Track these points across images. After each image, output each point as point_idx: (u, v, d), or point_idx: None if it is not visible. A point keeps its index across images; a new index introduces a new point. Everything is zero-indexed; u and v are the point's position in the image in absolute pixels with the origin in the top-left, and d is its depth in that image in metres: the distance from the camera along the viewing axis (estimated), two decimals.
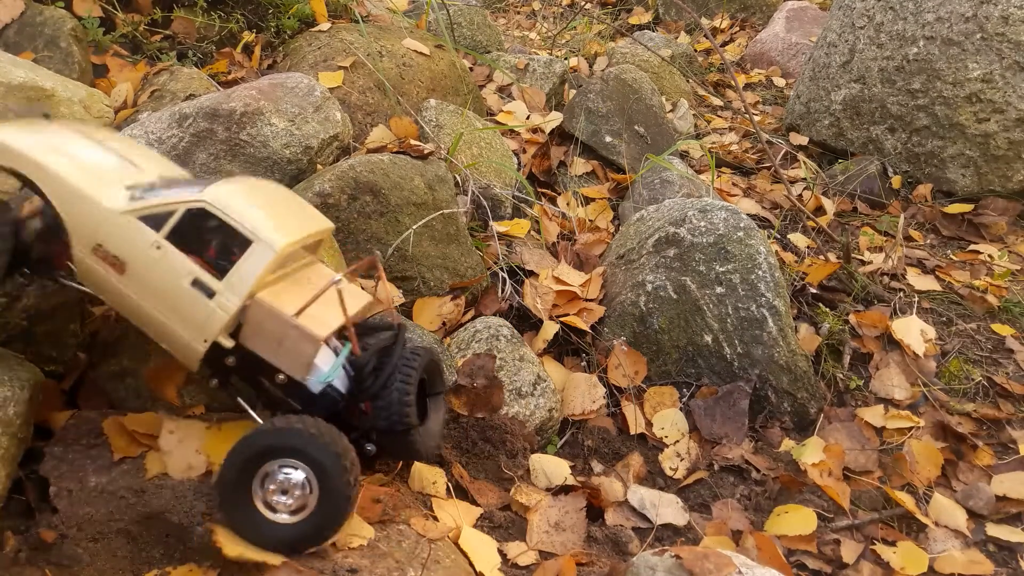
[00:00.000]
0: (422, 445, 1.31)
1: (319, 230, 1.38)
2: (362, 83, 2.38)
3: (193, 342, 1.22)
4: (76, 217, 1.25)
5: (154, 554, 1.20)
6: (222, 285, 1.21)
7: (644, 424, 1.82)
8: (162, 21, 2.43)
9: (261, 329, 1.23)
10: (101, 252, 1.24)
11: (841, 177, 2.91)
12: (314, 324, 1.23)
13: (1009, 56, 2.61)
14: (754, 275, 1.91)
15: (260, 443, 1.15)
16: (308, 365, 1.24)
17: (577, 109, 2.79)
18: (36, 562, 1.17)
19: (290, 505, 1.15)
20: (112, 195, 1.26)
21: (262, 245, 1.20)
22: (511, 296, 1.99)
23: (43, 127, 1.42)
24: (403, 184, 1.89)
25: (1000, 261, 2.50)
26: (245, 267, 1.21)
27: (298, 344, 1.22)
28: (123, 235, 1.23)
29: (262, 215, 1.25)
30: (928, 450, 1.76)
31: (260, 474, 1.16)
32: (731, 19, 4.85)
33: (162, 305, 1.23)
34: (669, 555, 1.22)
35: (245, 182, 1.36)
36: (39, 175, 1.26)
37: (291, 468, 1.15)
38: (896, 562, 1.50)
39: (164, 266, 1.22)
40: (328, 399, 1.27)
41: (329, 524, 1.16)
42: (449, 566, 1.25)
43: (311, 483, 1.14)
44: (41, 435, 1.38)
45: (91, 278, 1.27)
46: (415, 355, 1.34)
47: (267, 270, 1.21)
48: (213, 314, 1.20)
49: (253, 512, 1.16)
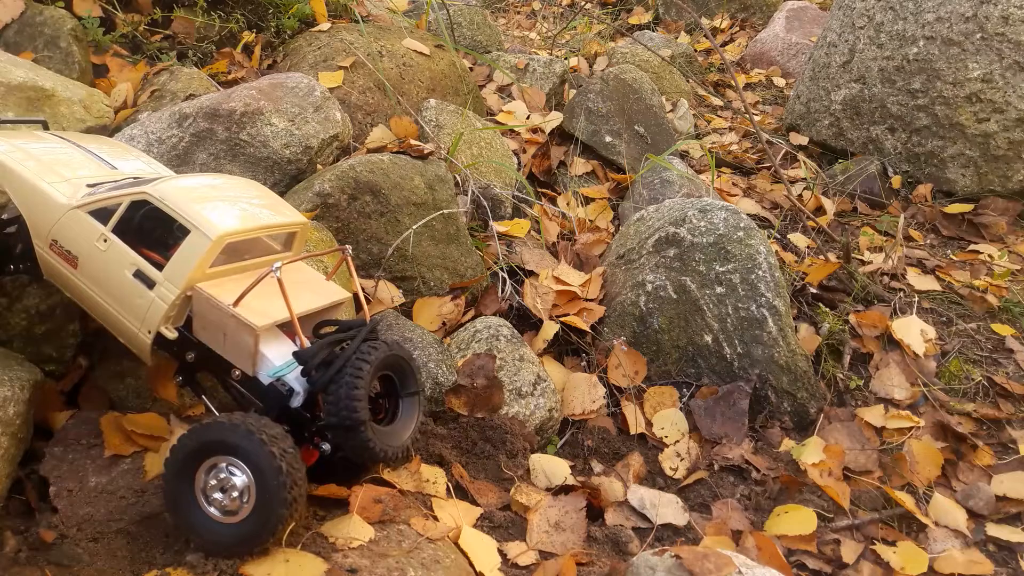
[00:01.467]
0: (378, 444, 1.21)
1: (280, 223, 1.33)
2: (362, 83, 2.38)
3: (139, 333, 1.22)
4: (34, 213, 1.28)
5: (154, 554, 1.20)
6: (162, 275, 1.20)
7: (644, 424, 1.82)
8: (162, 21, 2.43)
9: (206, 320, 1.21)
10: (56, 247, 1.26)
11: (841, 177, 2.91)
12: (254, 315, 1.19)
13: (1009, 56, 2.61)
14: (754, 275, 1.91)
15: (196, 439, 1.12)
16: (252, 357, 1.20)
17: (577, 109, 2.79)
18: (36, 562, 1.16)
19: (228, 505, 1.12)
20: (69, 192, 1.28)
21: (197, 233, 1.19)
22: (511, 296, 1.99)
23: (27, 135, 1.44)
24: (403, 184, 1.89)
25: (1000, 261, 2.50)
26: (182, 256, 1.19)
27: (238, 334, 1.19)
28: (74, 229, 1.25)
29: (204, 205, 1.23)
30: (928, 450, 1.76)
31: (201, 471, 1.13)
32: (731, 19, 4.85)
33: (110, 297, 1.24)
34: (669, 555, 1.22)
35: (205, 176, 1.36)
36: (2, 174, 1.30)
37: (232, 467, 1.11)
38: (896, 562, 1.50)
39: (110, 258, 1.22)
40: (275, 393, 1.22)
41: (266, 525, 1.11)
42: (449, 566, 1.25)
43: (251, 487, 1.10)
44: (41, 435, 1.38)
45: (51, 273, 1.29)
46: (373, 349, 1.23)
47: (205, 259, 1.19)
48: (153, 304, 1.20)
49: (195, 510, 1.13)
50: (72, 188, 1.29)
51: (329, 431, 1.21)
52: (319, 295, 1.35)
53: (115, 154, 1.49)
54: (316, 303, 1.32)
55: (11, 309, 1.45)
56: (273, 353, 1.22)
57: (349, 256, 1.37)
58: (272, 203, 1.39)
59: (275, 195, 1.43)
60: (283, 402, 1.22)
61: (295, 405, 1.22)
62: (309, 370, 1.20)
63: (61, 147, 1.44)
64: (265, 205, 1.36)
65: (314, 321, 1.34)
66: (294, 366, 1.22)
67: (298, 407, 1.22)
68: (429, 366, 1.65)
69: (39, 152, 1.37)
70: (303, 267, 1.42)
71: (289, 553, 1.17)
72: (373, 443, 1.20)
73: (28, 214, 1.28)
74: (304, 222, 1.39)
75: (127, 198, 1.23)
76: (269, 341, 1.23)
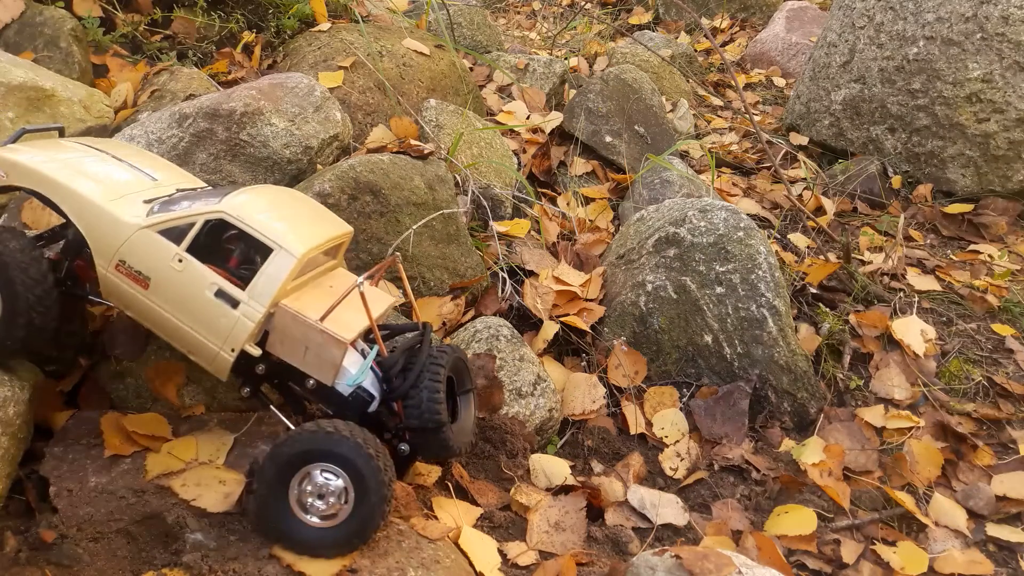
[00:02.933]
0: (454, 442, 1.31)
1: (338, 234, 1.39)
2: (362, 83, 2.38)
3: (221, 352, 1.23)
4: (97, 234, 1.25)
5: (154, 554, 1.20)
6: (245, 294, 1.22)
7: (644, 424, 1.82)
8: (162, 21, 2.43)
9: (287, 336, 1.24)
10: (124, 268, 1.25)
11: (841, 177, 2.91)
12: (339, 328, 1.24)
13: (1009, 56, 2.61)
14: (754, 275, 1.91)
15: (303, 446, 1.16)
16: (336, 369, 1.25)
17: (577, 109, 2.79)
18: (36, 562, 1.17)
19: (325, 510, 1.17)
20: (131, 211, 1.27)
21: (283, 253, 1.21)
22: (511, 296, 1.99)
23: (58, 146, 1.42)
24: (403, 184, 1.89)
25: (1000, 261, 2.50)
26: (267, 275, 1.21)
27: (325, 348, 1.23)
28: (145, 250, 1.24)
29: (281, 222, 1.26)
30: (928, 450, 1.76)
31: (298, 477, 1.17)
32: (731, 19, 4.85)
33: (188, 317, 1.24)
34: (669, 555, 1.22)
35: (262, 190, 1.37)
36: (60, 195, 1.27)
37: (331, 474, 1.16)
38: (896, 562, 1.50)
39: (187, 278, 1.23)
40: (359, 401, 1.28)
41: (364, 529, 1.18)
42: (449, 566, 1.25)
43: (348, 490, 1.16)
44: (41, 435, 1.38)
45: (116, 293, 1.27)
46: (442, 353, 1.34)
47: (289, 277, 1.22)
48: (238, 323, 1.21)
49: (288, 514, 1.17)
50: (130, 204, 1.28)
51: (410, 434, 1.30)
52: (378, 303, 1.40)
53: (146, 163, 1.48)
54: (380, 311, 1.38)
55: None
56: (349, 363, 1.28)
57: (400, 263, 1.44)
58: (322, 214, 1.43)
59: (320, 205, 1.48)
60: (365, 408, 1.29)
61: (371, 410, 1.30)
62: (391, 377, 1.29)
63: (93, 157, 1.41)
64: (319, 217, 1.41)
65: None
66: (366, 374, 1.29)
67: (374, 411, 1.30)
68: None
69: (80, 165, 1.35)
70: (343, 273, 1.47)
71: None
72: (452, 442, 1.30)
73: (90, 234, 1.26)
74: (350, 231, 1.45)
75: (201, 217, 1.23)
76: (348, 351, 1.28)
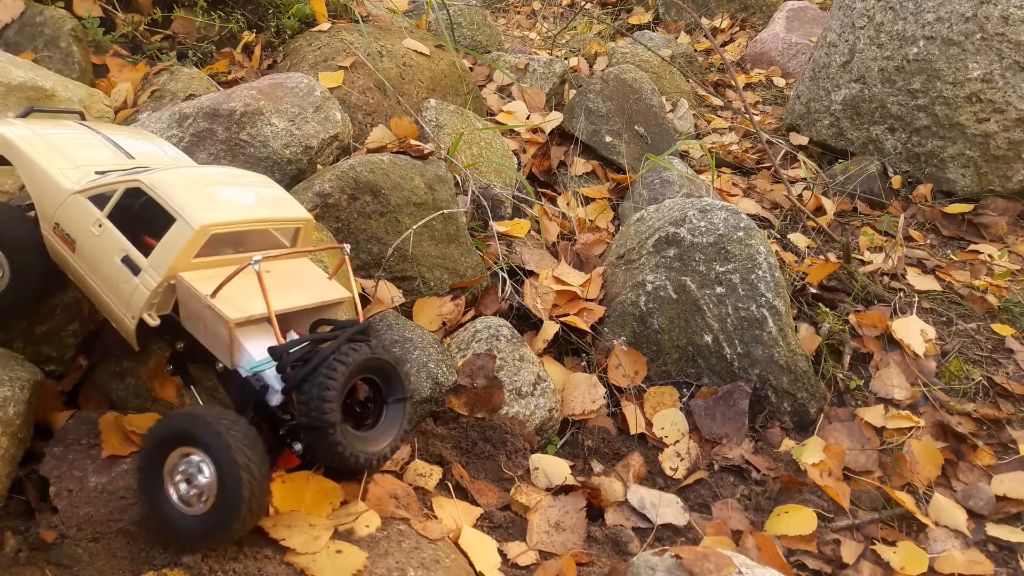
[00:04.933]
0: (349, 449, 1.16)
1: (272, 218, 1.31)
2: (362, 83, 2.38)
3: (126, 319, 1.24)
4: (40, 197, 1.31)
5: (154, 554, 1.20)
6: (147, 262, 1.21)
7: (644, 424, 1.82)
8: (162, 21, 2.43)
9: (190, 310, 1.21)
10: (58, 231, 1.29)
11: (841, 177, 2.91)
12: (229, 306, 1.17)
13: (1009, 56, 2.61)
14: (754, 275, 1.91)
15: (167, 428, 1.12)
16: (228, 349, 1.18)
17: (577, 109, 2.79)
18: (36, 562, 1.16)
19: (189, 496, 1.11)
20: (75, 177, 1.30)
21: (182, 223, 1.19)
22: (511, 296, 1.99)
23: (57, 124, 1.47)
24: (403, 184, 1.89)
25: (1000, 261, 2.50)
26: (165, 244, 1.20)
27: (216, 326, 1.18)
28: (74, 214, 1.27)
29: (195, 195, 1.22)
30: (928, 450, 1.76)
31: (170, 461, 1.12)
32: (731, 19, 4.85)
33: (102, 281, 1.25)
34: (669, 555, 1.22)
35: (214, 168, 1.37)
36: (18, 161, 1.33)
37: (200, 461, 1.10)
38: (896, 562, 1.50)
39: (103, 243, 1.24)
40: (250, 388, 1.19)
41: (224, 523, 1.09)
42: (449, 566, 1.25)
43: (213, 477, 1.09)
44: (41, 435, 1.38)
45: (55, 255, 1.32)
46: (354, 351, 1.17)
47: (187, 248, 1.18)
48: (137, 290, 1.21)
49: (163, 501, 1.13)
50: (81, 174, 1.31)
51: (301, 431, 1.17)
52: (314, 292, 1.32)
53: (139, 144, 1.49)
54: (308, 300, 1.29)
55: None
56: (256, 348, 1.20)
57: (347, 255, 1.35)
58: (276, 198, 1.38)
59: (282, 191, 1.42)
60: (257, 398, 1.19)
61: (274, 403, 1.19)
62: (284, 366, 1.16)
63: (84, 135, 1.45)
64: (267, 200, 1.35)
65: (311, 319, 1.32)
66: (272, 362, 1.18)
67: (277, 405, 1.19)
68: (429, 366, 1.65)
69: (57, 138, 1.39)
70: (306, 263, 1.41)
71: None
72: (343, 447, 1.15)
73: (36, 197, 1.31)
74: (307, 218, 1.37)
75: (123, 185, 1.25)
76: (253, 335, 1.21)
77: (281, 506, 1.25)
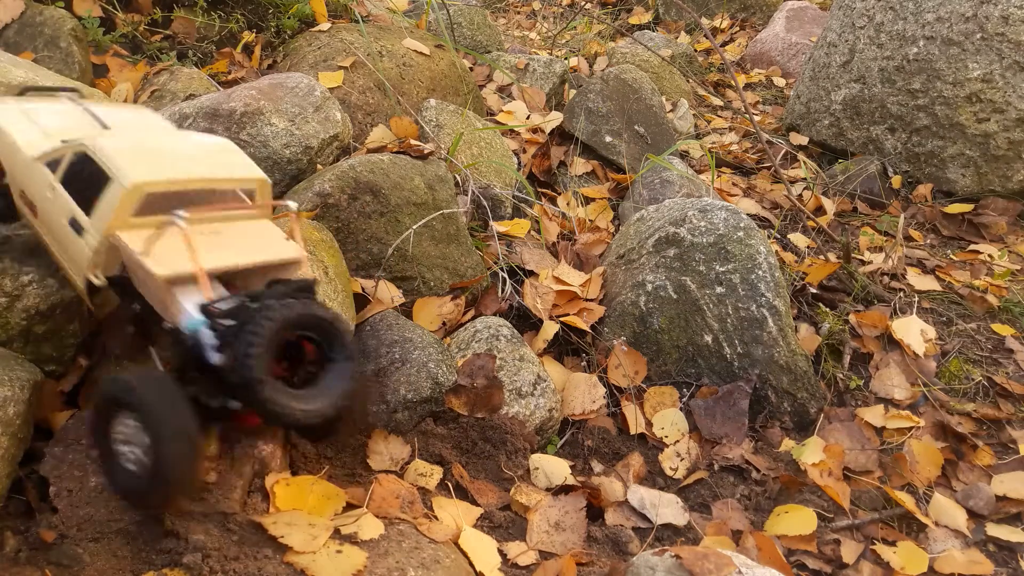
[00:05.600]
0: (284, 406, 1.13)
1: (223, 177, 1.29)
2: (362, 83, 2.38)
3: (76, 279, 1.27)
4: (13, 167, 1.34)
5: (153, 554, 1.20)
6: (89, 223, 1.22)
7: (644, 424, 1.82)
8: (162, 21, 2.43)
9: (133, 269, 1.21)
10: (24, 198, 1.32)
11: (841, 177, 2.91)
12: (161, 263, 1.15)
13: (1009, 56, 2.61)
14: (754, 275, 1.91)
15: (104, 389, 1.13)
16: (164, 305, 1.18)
17: (577, 109, 2.79)
18: (36, 562, 1.16)
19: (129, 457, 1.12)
20: (40, 146, 1.32)
21: (115, 183, 1.20)
22: (511, 296, 1.99)
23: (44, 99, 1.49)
24: (403, 184, 1.89)
25: (1000, 261, 2.50)
26: (103, 203, 1.21)
27: (151, 281, 1.17)
28: (34, 179, 1.30)
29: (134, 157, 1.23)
30: (928, 450, 1.76)
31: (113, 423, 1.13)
32: (731, 19, 4.86)
33: (57, 244, 1.28)
34: (669, 555, 1.22)
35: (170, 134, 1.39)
36: None
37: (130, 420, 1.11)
38: (896, 562, 1.50)
39: (55, 207, 1.26)
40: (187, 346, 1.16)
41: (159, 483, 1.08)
42: (449, 566, 1.25)
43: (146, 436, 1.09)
44: (41, 435, 1.38)
45: (26, 223, 1.35)
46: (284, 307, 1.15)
47: (121, 207, 1.18)
48: (82, 251, 1.23)
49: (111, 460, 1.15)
50: (50, 144, 1.33)
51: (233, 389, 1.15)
52: (261, 251, 1.28)
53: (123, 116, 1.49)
54: (252, 258, 1.25)
55: (11, 309, 1.44)
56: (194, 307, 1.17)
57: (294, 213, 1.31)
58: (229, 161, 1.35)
59: (241, 155, 1.38)
60: (191, 354, 1.16)
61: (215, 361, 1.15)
62: (213, 324, 1.14)
63: (66, 107, 1.47)
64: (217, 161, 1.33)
65: (264, 278, 1.29)
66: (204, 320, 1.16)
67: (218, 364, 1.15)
68: (429, 366, 1.65)
69: (37, 111, 1.41)
70: (267, 225, 1.36)
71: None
72: (273, 404, 1.12)
73: (9, 168, 1.35)
74: (259, 178, 1.34)
75: (71, 150, 1.26)
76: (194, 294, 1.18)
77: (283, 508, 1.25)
